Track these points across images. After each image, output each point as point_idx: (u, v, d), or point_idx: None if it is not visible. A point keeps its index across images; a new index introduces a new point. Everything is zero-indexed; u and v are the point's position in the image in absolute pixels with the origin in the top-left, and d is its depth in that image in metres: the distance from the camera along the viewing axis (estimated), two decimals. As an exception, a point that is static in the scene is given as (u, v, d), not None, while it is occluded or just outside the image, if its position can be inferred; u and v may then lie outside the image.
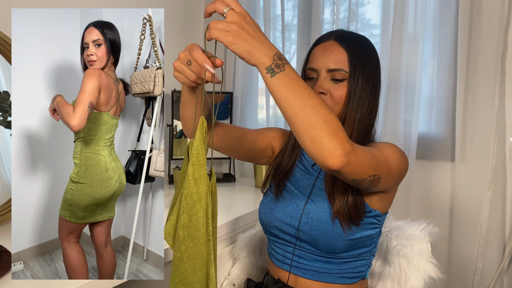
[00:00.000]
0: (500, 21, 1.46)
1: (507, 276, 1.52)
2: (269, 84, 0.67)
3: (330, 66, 0.91)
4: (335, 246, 0.90)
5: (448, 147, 1.62)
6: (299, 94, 0.66)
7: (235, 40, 0.63)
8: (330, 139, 0.66)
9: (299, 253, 0.95)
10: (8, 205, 1.20)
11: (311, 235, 0.91)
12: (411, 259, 1.04)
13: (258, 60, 0.65)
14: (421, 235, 1.08)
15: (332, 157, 0.66)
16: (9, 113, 1.20)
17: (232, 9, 0.64)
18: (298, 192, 0.98)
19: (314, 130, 0.66)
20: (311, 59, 0.96)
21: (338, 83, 0.91)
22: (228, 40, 0.63)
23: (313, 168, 1.00)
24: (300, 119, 0.66)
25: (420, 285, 1.02)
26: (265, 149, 1.06)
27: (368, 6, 1.80)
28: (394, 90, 1.63)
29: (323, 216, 0.91)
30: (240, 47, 0.64)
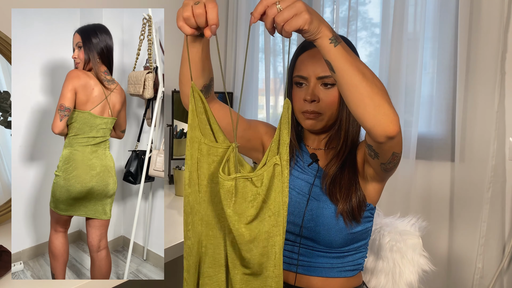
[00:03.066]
0: (500, 21, 1.46)
1: (507, 276, 1.52)
2: (332, 54, 0.67)
3: (320, 73, 0.93)
4: (338, 240, 0.93)
5: (448, 147, 1.62)
6: (358, 63, 0.69)
7: (310, 17, 0.62)
8: (389, 106, 0.70)
9: (302, 251, 0.96)
10: (8, 205, 1.20)
11: (315, 231, 0.93)
12: (405, 253, 1.07)
13: (323, 33, 0.66)
14: (412, 230, 1.11)
15: (393, 123, 0.70)
16: (9, 113, 1.20)
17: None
18: (297, 191, 0.98)
19: (377, 96, 0.68)
20: (299, 66, 0.97)
21: (329, 88, 0.94)
22: (306, 18, 0.62)
23: (310, 168, 1.01)
24: (364, 86, 0.68)
25: (414, 278, 1.05)
26: (255, 143, 1.05)
27: (368, 5, 1.80)
28: (394, 90, 1.63)
29: (326, 212, 0.92)
30: (314, 21, 0.63)
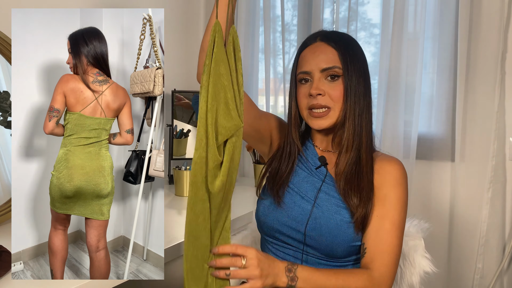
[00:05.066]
0: (500, 21, 1.46)
1: (507, 276, 1.52)
2: None
3: (323, 65, 0.92)
4: (340, 252, 0.91)
5: (448, 147, 1.62)
6: (327, 284, 0.82)
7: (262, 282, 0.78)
8: None
9: (304, 257, 0.95)
10: (8, 205, 1.20)
11: (318, 241, 0.91)
12: (407, 255, 1.06)
13: (281, 285, 0.81)
14: (414, 231, 1.09)
15: None
16: (9, 113, 1.20)
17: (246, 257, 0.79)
18: (302, 195, 0.96)
19: None
20: (301, 63, 0.96)
21: (334, 81, 0.92)
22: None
23: (318, 171, 0.97)
24: None
25: (416, 280, 1.04)
26: (264, 135, 1.03)
27: (368, 5, 1.80)
28: (394, 90, 1.63)
29: (331, 222, 0.90)
30: (268, 279, 0.80)
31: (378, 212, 0.91)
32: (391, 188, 0.92)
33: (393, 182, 0.92)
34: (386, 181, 0.93)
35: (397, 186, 0.92)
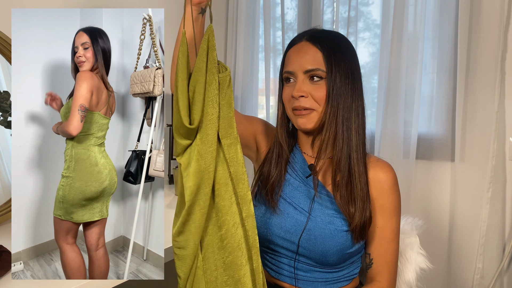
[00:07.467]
0: (500, 21, 1.46)
1: (507, 276, 1.52)
2: None
3: (307, 67, 0.90)
4: (334, 261, 0.91)
5: (448, 147, 1.62)
6: None
7: None
8: None
9: (297, 265, 0.95)
10: (8, 205, 1.20)
11: (312, 251, 0.91)
12: (403, 252, 1.07)
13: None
14: (409, 228, 1.11)
15: None
16: (9, 113, 1.20)
17: None
18: (295, 206, 0.95)
19: None
20: (287, 62, 0.94)
21: (317, 82, 0.90)
22: None
23: (308, 180, 0.96)
24: None
25: (412, 276, 1.06)
26: (248, 140, 1.01)
27: (368, 6, 1.80)
28: (394, 90, 1.63)
29: (325, 233, 0.90)
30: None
31: (379, 223, 0.93)
32: (387, 197, 0.93)
33: (388, 191, 0.93)
34: (383, 192, 0.93)
35: (392, 194, 0.94)
